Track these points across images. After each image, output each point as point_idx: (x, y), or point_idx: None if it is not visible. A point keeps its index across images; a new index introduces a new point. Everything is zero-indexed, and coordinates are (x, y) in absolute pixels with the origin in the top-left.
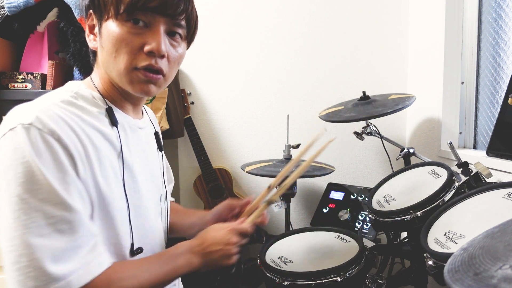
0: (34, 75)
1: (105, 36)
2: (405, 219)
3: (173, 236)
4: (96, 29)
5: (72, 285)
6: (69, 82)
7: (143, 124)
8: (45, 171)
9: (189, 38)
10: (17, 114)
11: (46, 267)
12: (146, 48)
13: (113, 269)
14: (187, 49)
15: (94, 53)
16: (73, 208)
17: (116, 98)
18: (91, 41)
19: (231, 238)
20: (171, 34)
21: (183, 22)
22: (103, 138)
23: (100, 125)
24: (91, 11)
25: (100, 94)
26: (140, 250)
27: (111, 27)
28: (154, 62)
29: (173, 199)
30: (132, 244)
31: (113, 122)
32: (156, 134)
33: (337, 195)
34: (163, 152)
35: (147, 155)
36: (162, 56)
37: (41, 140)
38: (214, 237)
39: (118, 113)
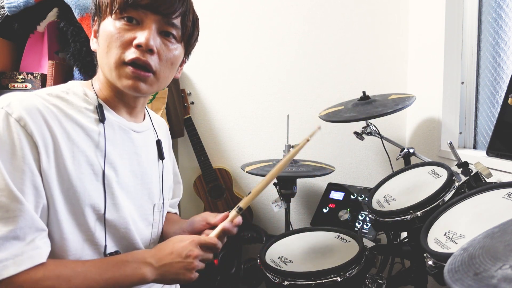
0: (34, 75)
1: (101, 35)
2: (405, 219)
3: None
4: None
5: (5, 271)
6: (70, 81)
7: (140, 128)
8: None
9: (186, 41)
10: (1, 98)
11: None
12: (135, 42)
13: (44, 267)
14: (186, 54)
15: (94, 54)
16: (17, 197)
17: (110, 99)
18: (94, 44)
19: (192, 251)
20: (165, 34)
21: (176, 22)
22: (84, 133)
23: (83, 121)
24: (96, 17)
25: (95, 93)
26: (116, 253)
27: (106, 25)
28: (142, 56)
29: (175, 211)
30: (105, 246)
31: (101, 119)
32: (157, 142)
33: (337, 195)
34: (164, 161)
35: (140, 160)
36: (151, 51)
37: (5, 124)
38: (172, 248)
39: (109, 113)
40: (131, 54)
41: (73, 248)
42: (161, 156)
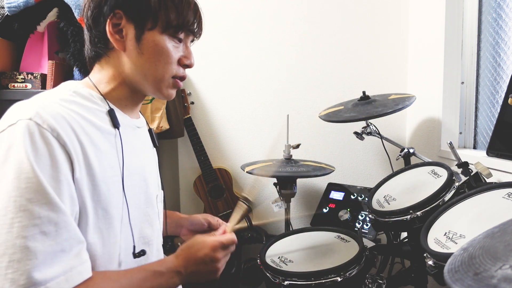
0: (34, 75)
1: (149, 45)
2: (405, 219)
3: None
4: (128, 33)
5: None
6: (65, 82)
7: (141, 124)
8: (37, 169)
9: None
10: (17, 110)
11: (26, 270)
12: (186, 62)
13: (93, 281)
14: None
15: (102, 51)
16: (61, 209)
17: (122, 98)
18: (118, 41)
19: (216, 255)
20: None
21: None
22: (102, 136)
23: (100, 123)
24: (120, 11)
25: (101, 94)
26: (143, 252)
27: (158, 38)
28: (185, 73)
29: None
30: (134, 247)
31: (115, 124)
32: (149, 130)
33: (337, 195)
34: (156, 149)
35: (145, 154)
36: None
37: (39, 136)
38: (197, 257)
39: (119, 114)
40: (182, 71)
41: (100, 252)
42: (154, 144)
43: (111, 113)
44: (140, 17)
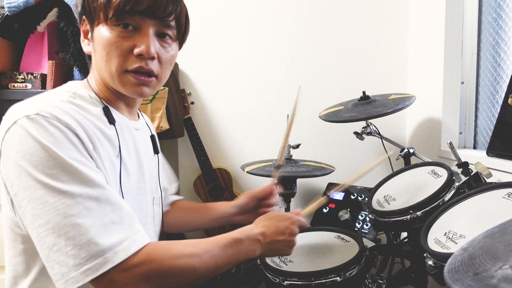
0: (34, 75)
1: (97, 41)
2: (405, 219)
3: (186, 231)
4: (89, 34)
5: (117, 257)
6: (67, 83)
7: (139, 126)
8: (61, 153)
9: (180, 38)
10: (19, 109)
11: (82, 244)
12: (136, 50)
13: (174, 243)
14: (179, 49)
15: (90, 56)
16: (97, 184)
17: (111, 99)
18: (86, 46)
19: (293, 230)
20: (161, 35)
21: (172, 23)
22: (103, 136)
23: (100, 123)
24: (84, 17)
25: (96, 95)
26: None
27: (102, 31)
28: (144, 64)
29: (182, 197)
30: None
31: (111, 121)
32: (152, 137)
33: (337, 195)
34: (159, 155)
35: (142, 156)
36: (152, 58)
37: (50, 125)
38: (277, 227)
39: (114, 113)
40: (133, 63)
41: None
42: (156, 150)
43: (105, 110)
44: (89, 16)
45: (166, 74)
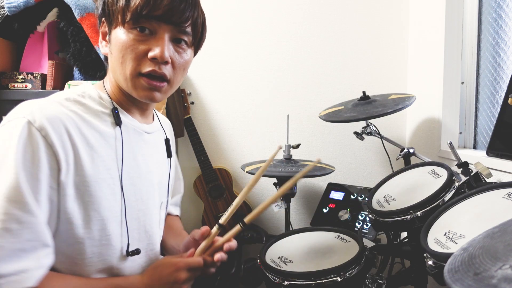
0: (34, 75)
1: (114, 43)
2: (405, 219)
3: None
4: (107, 36)
5: (8, 286)
6: (85, 83)
7: (151, 129)
8: (19, 167)
9: (196, 44)
10: (19, 108)
11: None
12: (150, 54)
13: (49, 282)
14: (194, 55)
15: (106, 58)
16: (31, 209)
17: (124, 102)
18: (103, 47)
19: (179, 276)
20: (176, 41)
21: (188, 29)
22: (101, 138)
23: (100, 125)
24: (103, 19)
25: (109, 96)
26: (137, 251)
27: (119, 34)
28: (158, 68)
29: (178, 212)
30: (128, 244)
31: (117, 122)
32: (166, 140)
33: (337, 195)
34: (171, 159)
35: (154, 160)
36: (166, 62)
37: (27, 134)
38: (160, 275)
39: (124, 116)
40: (147, 67)
41: (89, 251)
42: (169, 154)
43: (114, 112)
44: (108, 19)
45: (178, 80)
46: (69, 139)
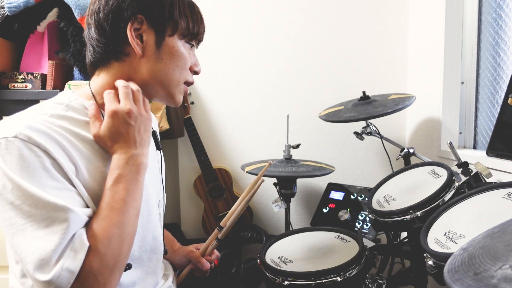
0: (34, 75)
1: (169, 51)
2: (405, 219)
3: None
4: (148, 38)
5: (63, 284)
6: (60, 94)
7: None
8: (31, 176)
9: None
10: (2, 128)
11: (35, 272)
12: (197, 69)
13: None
14: None
15: (112, 56)
16: (62, 206)
17: None
18: (138, 46)
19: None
20: None
21: None
22: (93, 148)
23: (89, 136)
24: (142, 16)
25: (96, 101)
26: (129, 267)
27: (178, 44)
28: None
29: None
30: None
31: None
32: (153, 133)
33: (337, 195)
34: (161, 151)
35: (149, 159)
36: None
37: (27, 150)
38: (113, 126)
39: None
40: (191, 78)
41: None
42: (158, 146)
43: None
44: (162, 23)
45: None
46: (65, 152)
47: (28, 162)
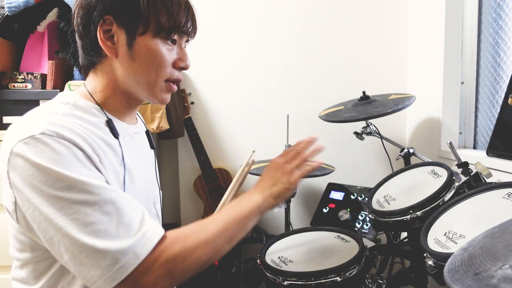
0: (34, 75)
1: (141, 50)
2: (405, 219)
3: None
4: (119, 39)
5: (140, 254)
6: (60, 94)
7: (138, 129)
8: (67, 171)
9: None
10: (23, 128)
11: (106, 248)
12: (182, 65)
13: (176, 231)
14: None
15: (95, 59)
16: (109, 188)
17: (119, 107)
18: (110, 48)
19: (276, 162)
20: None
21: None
22: (106, 145)
23: (102, 134)
24: (110, 17)
25: (98, 104)
26: None
27: (150, 42)
28: (180, 75)
29: None
30: None
31: (115, 134)
32: (147, 132)
33: (337, 195)
34: (154, 150)
35: (143, 158)
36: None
37: (57, 143)
38: (263, 175)
39: (117, 123)
40: (176, 74)
41: None
42: (152, 145)
43: (109, 124)
44: (131, 22)
45: None
46: (89, 145)
47: (63, 155)
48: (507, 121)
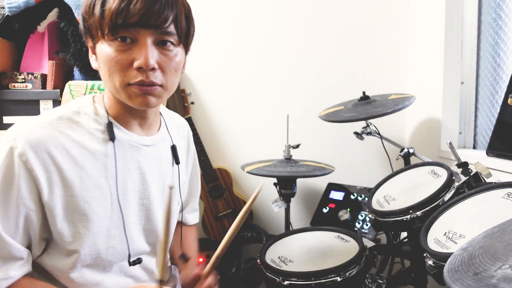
0: (34, 75)
1: (99, 57)
2: (405, 219)
3: None
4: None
5: None
6: (83, 96)
7: (153, 141)
8: None
9: (184, 42)
10: (10, 130)
11: None
12: (135, 64)
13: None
14: (186, 52)
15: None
16: None
17: (121, 115)
18: (93, 62)
19: None
20: (161, 43)
21: (170, 29)
22: (91, 156)
23: (91, 143)
24: (88, 35)
25: (106, 111)
26: (138, 260)
27: (102, 48)
28: (145, 77)
29: (194, 222)
30: (129, 255)
31: (111, 137)
32: (173, 147)
33: (337, 195)
34: (179, 166)
35: (155, 172)
36: (153, 69)
37: (8, 158)
38: None
39: (120, 130)
40: (134, 77)
41: (81, 264)
42: (176, 161)
43: (108, 127)
44: (89, 34)
45: (172, 82)
46: (53, 162)
47: (4, 174)
48: (507, 121)
